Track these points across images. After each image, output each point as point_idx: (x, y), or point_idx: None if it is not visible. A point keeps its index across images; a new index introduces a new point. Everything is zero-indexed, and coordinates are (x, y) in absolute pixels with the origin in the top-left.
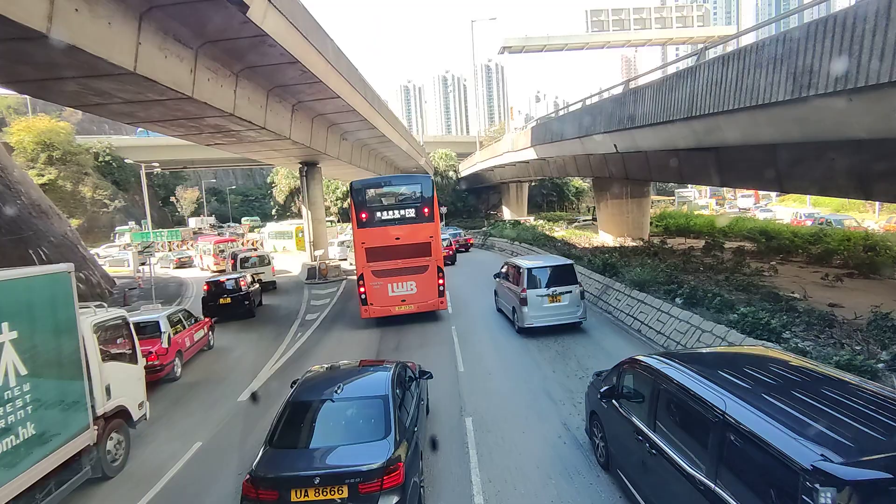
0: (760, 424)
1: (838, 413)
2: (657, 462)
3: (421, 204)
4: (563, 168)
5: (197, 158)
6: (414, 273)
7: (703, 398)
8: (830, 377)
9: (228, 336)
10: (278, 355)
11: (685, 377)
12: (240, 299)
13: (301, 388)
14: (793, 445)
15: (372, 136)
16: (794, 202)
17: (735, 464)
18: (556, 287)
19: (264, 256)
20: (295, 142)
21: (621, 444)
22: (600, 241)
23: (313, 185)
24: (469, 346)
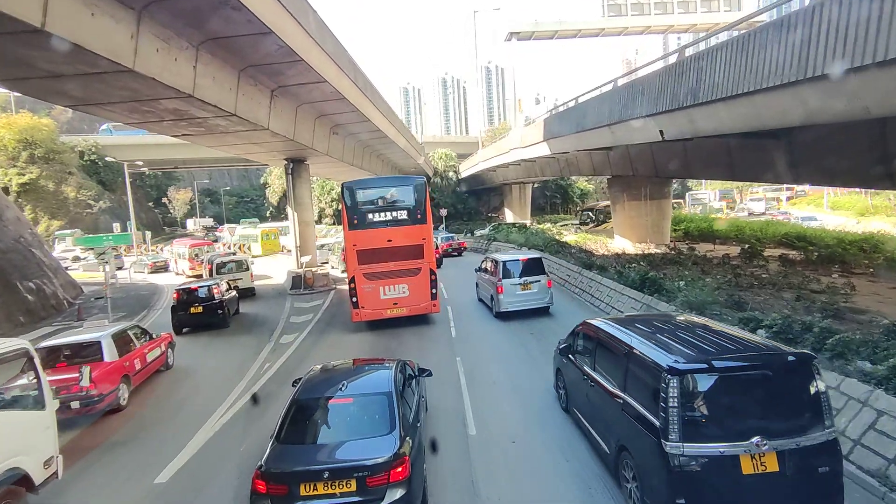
0: (648, 349)
1: (695, 343)
2: (594, 391)
3: (414, 206)
4: (577, 166)
5: (188, 158)
6: (406, 276)
7: (620, 339)
8: (706, 326)
9: (195, 351)
10: (245, 383)
11: (613, 329)
12: (213, 308)
13: (305, 386)
14: (661, 357)
15: (366, 130)
16: (807, 205)
17: (633, 377)
18: (527, 277)
19: (242, 261)
20: (275, 133)
21: (575, 387)
22: (619, 248)
23: (300, 185)
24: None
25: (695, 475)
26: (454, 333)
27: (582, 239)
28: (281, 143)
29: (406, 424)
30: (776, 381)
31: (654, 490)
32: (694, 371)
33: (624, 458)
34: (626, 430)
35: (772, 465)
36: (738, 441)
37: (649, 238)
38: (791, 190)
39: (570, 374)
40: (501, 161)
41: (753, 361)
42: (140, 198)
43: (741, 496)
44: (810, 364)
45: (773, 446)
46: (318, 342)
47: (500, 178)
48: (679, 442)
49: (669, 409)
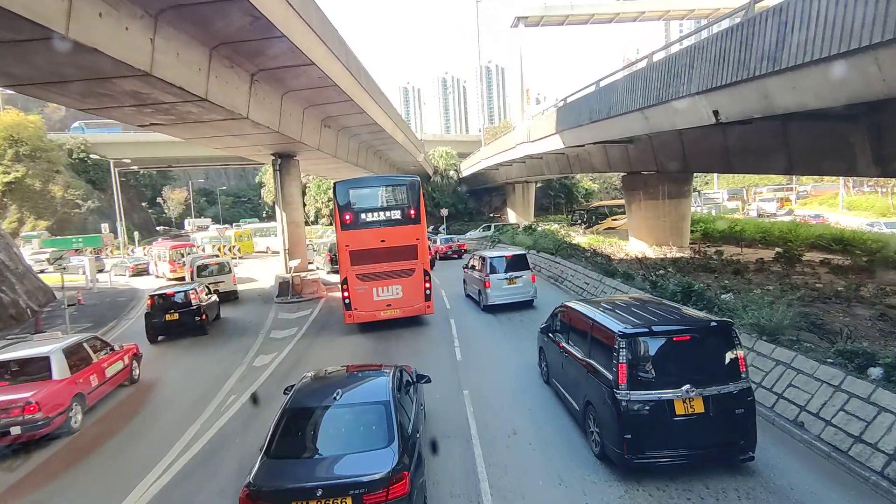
0: (606, 321)
1: (643, 315)
2: (567, 361)
3: (407, 205)
4: (589, 162)
5: (182, 157)
6: (400, 277)
7: (587, 314)
8: (655, 302)
9: (167, 362)
10: (216, 404)
11: (583, 308)
12: (190, 315)
13: (297, 395)
14: (614, 325)
15: (361, 124)
16: (819, 205)
17: (595, 344)
18: (513, 272)
19: (224, 264)
20: (257, 124)
21: (553, 361)
22: (638, 251)
23: (289, 182)
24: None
25: (639, 416)
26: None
27: (594, 241)
28: (265, 135)
29: (405, 436)
30: (703, 342)
31: (609, 430)
32: (638, 335)
33: (589, 410)
34: (590, 388)
35: (699, 407)
36: (672, 389)
37: (666, 240)
38: (793, 189)
39: (549, 351)
40: (506, 158)
41: (684, 327)
42: (132, 197)
43: (674, 432)
44: (730, 329)
45: (700, 393)
46: (300, 363)
47: (502, 176)
48: (627, 390)
49: (619, 364)
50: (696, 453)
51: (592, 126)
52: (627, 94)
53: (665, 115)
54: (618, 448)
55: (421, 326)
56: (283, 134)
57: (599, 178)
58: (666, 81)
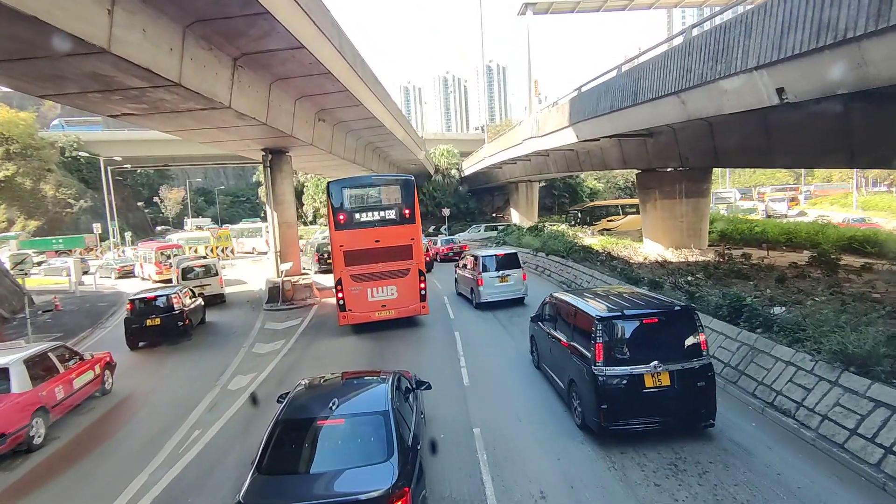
0: (586, 307)
1: (618, 301)
2: (554, 345)
3: (402, 205)
4: (601, 159)
5: (178, 155)
6: (394, 277)
7: (570, 303)
8: (630, 291)
9: (146, 370)
10: (193, 420)
11: (568, 297)
12: (172, 320)
13: (291, 405)
14: (594, 310)
15: (358, 118)
16: (830, 205)
17: (576, 328)
18: (504, 270)
19: (210, 266)
20: (241, 115)
21: (542, 346)
22: (653, 253)
23: (280, 179)
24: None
25: (613, 389)
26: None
27: (606, 243)
28: (253, 128)
29: (405, 449)
30: (669, 324)
31: (588, 402)
32: (613, 318)
33: (572, 388)
34: (573, 367)
35: (665, 381)
36: (642, 365)
37: (685, 242)
38: (795, 189)
39: (539, 338)
40: (511, 155)
41: (652, 310)
42: (127, 197)
43: (644, 402)
44: (692, 313)
45: (667, 368)
46: (281, 386)
47: (505, 175)
48: (603, 367)
49: (597, 344)
50: (663, 421)
51: (614, 116)
52: (659, 77)
53: (708, 98)
54: (596, 417)
55: (423, 336)
56: (273, 127)
57: (604, 178)
58: (712, 57)
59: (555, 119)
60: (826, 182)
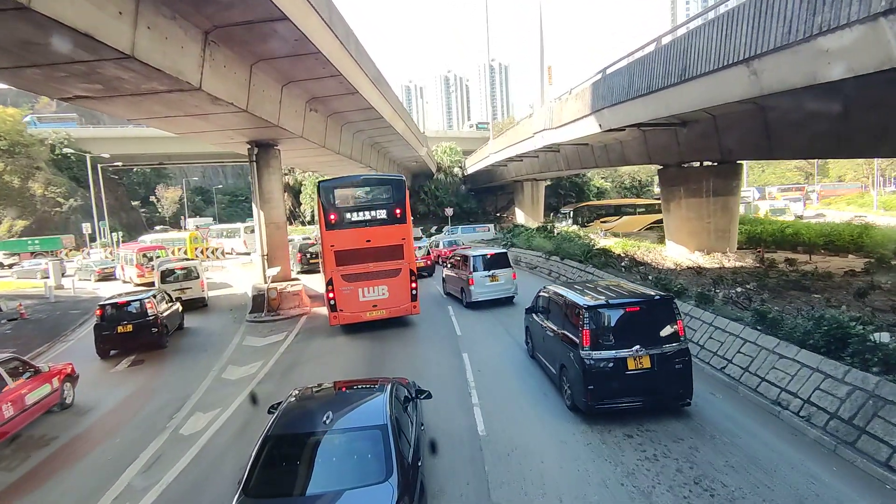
0: (575, 297)
1: (604, 293)
2: (547, 334)
3: (393, 205)
4: (620, 153)
5: (174, 153)
6: (386, 277)
7: (562, 294)
8: (616, 284)
9: (113, 381)
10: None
11: (559, 289)
12: (145, 326)
13: (282, 419)
14: (580, 300)
15: (355, 108)
16: (847, 205)
17: (567, 318)
18: (495, 269)
19: (192, 269)
20: (215, 99)
21: (536, 336)
22: (683, 258)
23: (268, 175)
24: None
25: (599, 371)
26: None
27: (625, 246)
28: (233, 116)
29: (405, 466)
30: (649, 312)
31: (576, 384)
32: (598, 307)
33: (563, 372)
34: (563, 353)
35: (646, 363)
36: (625, 349)
37: (712, 245)
38: (801, 190)
39: (533, 329)
40: (521, 150)
41: (634, 300)
42: (121, 196)
43: (627, 383)
44: (671, 302)
45: (647, 352)
46: (245, 431)
47: (510, 173)
48: (589, 350)
49: (584, 330)
50: (645, 400)
51: (652, 99)
52: (719, 45)
53: (795, 63)
54: (583, 398)
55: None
56: (255, 115)
57: (610, 177)
58: (807, 7)
59: (572, 107)
60: (839, 181)
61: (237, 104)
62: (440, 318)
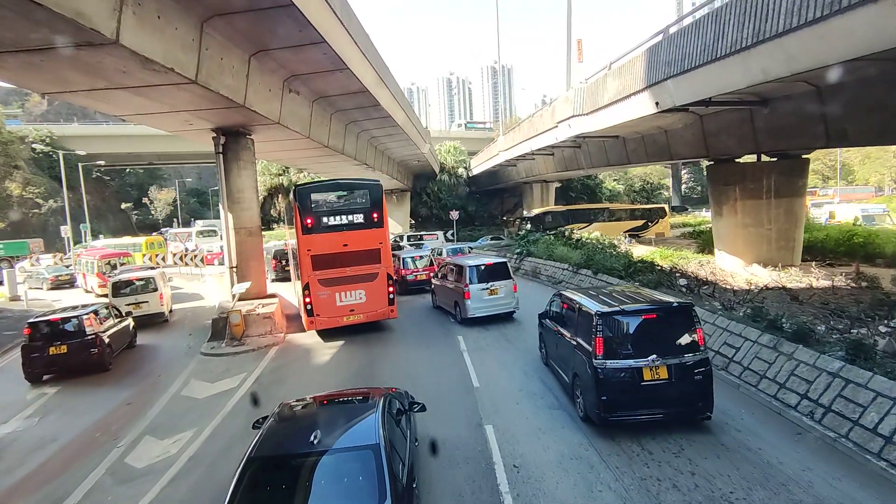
0: (588, 303)
1: (618, 299)
2: (560, 341)
3: (370, 209)
4: (665, 147)
5: (165, 152)
6: (363, 281)
7: (575, 300)
8: (633, 290)
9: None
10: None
11: (573, 295)
12: (82, 346)
13: (266, 439)
14: (594, 307)
15: (345, 91)
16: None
17: (580, 325)
18: (494, 282)
19: (149, 280)
20: (146, 61)
21: (550, 342)
22: (752, 275)
23: (237, 170)
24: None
25: (612, 381)
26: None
27: (662, 256)
28: (179, 90)
29: (399, 490)
30: (667, 320)
31: (589, 394)
32: (612, 314)
33: (576, 381)
34: (576, 361)
35: (663, 374)
36: (641, 358)
37: (773, 256)
38: (813, 194)
39: (547, 335)
40: (538, 145)
41: (650, 307)
42: (109, 197)
43: (643, 394)
44: (690, 309)
45: (665, 362)
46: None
47: (520, 174)
48: (603, 359)
49: (597, 338)
50: (661, 413)
51: (761, 51)
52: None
53: None
54: (596, 409)
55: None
56: (210, 90)
57: (621, 179)
58: None
59: (613, 86)
60: (851, 185)
61: (181, 72)
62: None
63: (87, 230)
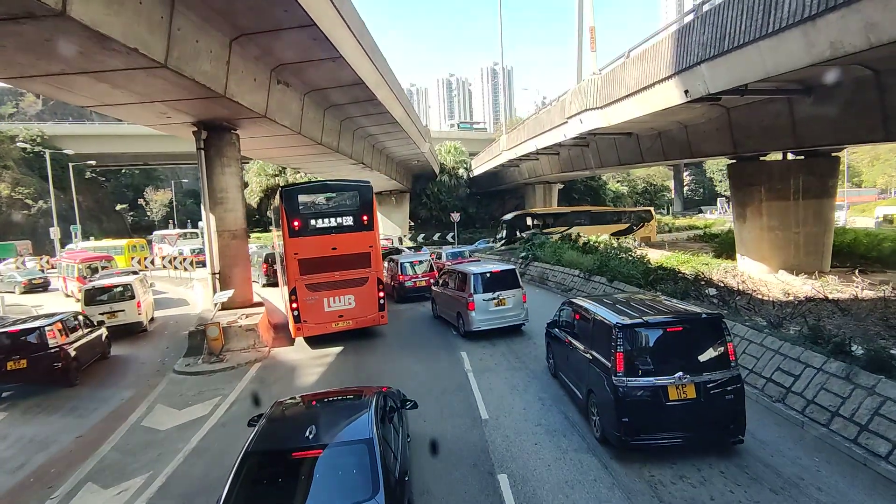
0: (605, 314)
1: (639, 309)
2: (572, 353)
3: (359, 211)
4: (684, 143)
5: (159, 152)
6: (352, 286)
7: (589, 309)
8: (652, 299)
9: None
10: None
11: (586, 303)
12: (44, 361)
13: (261, 434)
14: (613, 318)
15: (338, 83)
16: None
17: (596, 337)
18: (502, 291)
19: (126, 287)
20: (103, 38)
21: (559, 354)
22: (782, 282)
23: (221, 168)
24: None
25: (634, 401)
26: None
27: (678, 261)
28: (149, 76)
29: (391, 483)
30: (694, 333)
31: (608, 415)
32: (633, 326)
33: (591, 398)
34: (591, 377)
35: (691, 393)
36: (666, 375)
37: (801, 262)
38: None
39: (555, 345)
40: (545, 143)
41: (676, 318)
42: (102, 198)
43: (668, 416)
44: (720, 322)
45: (692, 379)
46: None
47: (523, 175)
48: (624, 377)
49: (617, 353)
50: (688, 436)
51: (831, 20)
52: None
53: None
54: (616, 431)
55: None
56: (185, 76)
57: (625, 181)
58: None
59: (633, 74)
60: (855, 188)
61: (147, 53)
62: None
63: (78, 232)
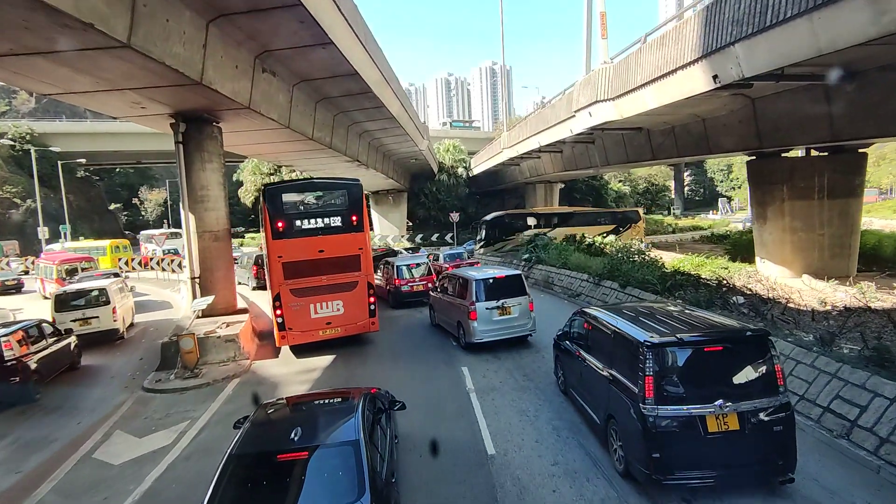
0: (628, 329)
1: (669, 323)
2: (587, 370)
3: (348, 211)
4: (702, 138)
5: (153, 150)
6: (341, 291)
7: (607, 322)
8: (680, 310)
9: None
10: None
11: (602, 314)
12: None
13: (247, 437)
14: (639, 334)
15: (328, 71)
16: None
17: (616, 354)
18: (507, 299)
19: (101, 292)
20: (53, 10)
21: (569, 369)
22: (817, 290)
23: (201, 163)
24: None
25: (668, 433)
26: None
27: (692, 264)
28: (113, 59)
29: (378, 485)
30: (736, 353)
31: (635, 448)
32: (665, 345)
33: (611, 425)
34: (612, 401)
35: (733, 424)
36: (704, 404)
37: (826, 265)
38: None
39: (565, 359)
40: (550, 139)
41: (716, 336)
42: (95, 197)
43: (707, 451)
44: (766, 339)
45: (735, 408)
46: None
47: (524, 174)
48: (654, 405)
49: (646, 377)
50: (730, 473)
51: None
52: None
53: None
54: (645, 468)
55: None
56: (153, 58)
57: (627, 180)
58: None
59: (652, 60)
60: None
61: (105, 30)
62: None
63: (68, 231)
